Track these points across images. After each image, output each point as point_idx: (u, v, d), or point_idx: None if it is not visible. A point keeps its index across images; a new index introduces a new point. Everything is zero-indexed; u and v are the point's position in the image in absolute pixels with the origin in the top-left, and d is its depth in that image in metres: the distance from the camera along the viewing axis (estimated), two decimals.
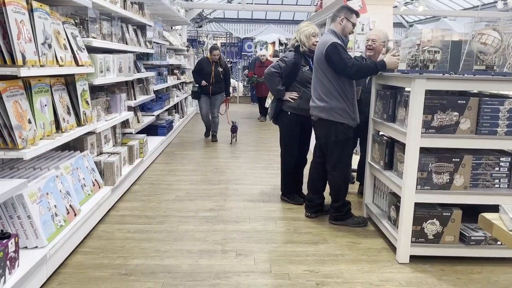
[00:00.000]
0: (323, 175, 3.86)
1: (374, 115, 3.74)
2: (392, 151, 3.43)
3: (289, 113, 4.11)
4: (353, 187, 4.73)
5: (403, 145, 3.07)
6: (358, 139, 4.73)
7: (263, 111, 10.23)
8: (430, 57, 2.97)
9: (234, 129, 7.29)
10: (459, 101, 2.93)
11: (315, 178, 3.91)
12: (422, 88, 2.88)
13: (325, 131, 3.66)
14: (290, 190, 4.36)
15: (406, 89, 3.25)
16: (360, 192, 4.64)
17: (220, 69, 7.37)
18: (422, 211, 3.02)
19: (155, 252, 3.14)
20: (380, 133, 3.70)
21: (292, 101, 4.06)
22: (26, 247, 2.57)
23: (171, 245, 3.27)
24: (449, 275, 2.90)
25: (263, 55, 10.41)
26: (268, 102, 9.12)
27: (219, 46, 7.48)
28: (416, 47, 3.05)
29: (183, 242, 3.33)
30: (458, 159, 2.97)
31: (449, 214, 3.01)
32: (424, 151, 2.99)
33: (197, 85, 7.54)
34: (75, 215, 3.09)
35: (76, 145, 3.75)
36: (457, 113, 2.93)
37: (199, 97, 7.52)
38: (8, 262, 2.22)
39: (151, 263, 2.96)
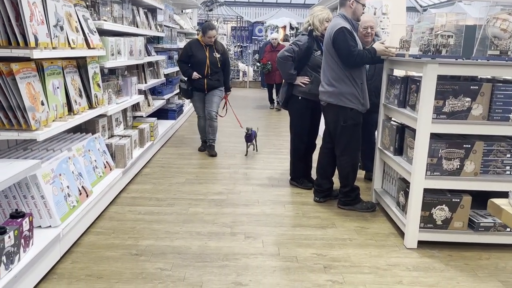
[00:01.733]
0: (332, 160, 3.86)
1: (385, 100, 3.71)
2: (402, 136, 3.41)
3: (299, 97, 4.10)
4: (361, 173, 4.73)
5: (414, 130, 3.06)
6: None
7: (272, 99, 10.03)
8: (443, 41, 2.93)
9: (249, 138, 5.50)
10: (471, 87, 2.90)
11: (324, 163, 3.91)
12: (434, 73, 2.85)
13: (334, 116, 3.65)
14: (299, 175, 4.37)
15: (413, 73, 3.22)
16: (367, 178, 4.65)
17: (217, 56, 5.33)
18: (431, 197, 3.01)
19: (165, 233, 3.19)
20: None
21: (303, 85, 4.04)
22: (40, 226, 2.63)
23: (181, 227, 3.31)
24: (456, 261, 2.91)
25: (275, 39, 9.76)
26: None
27: (216, 25, 5.41)
28: (429, 31, 3.01)
29: (192, 224, 3.37)
30: (469, 145, 2.95)
31: (458, 200, 3.00)
32: (434, 137, 2.98)
33: (185, 78, 5.47)
34: (87, 196, 3.14)
35: (87, 128, 3.79)
36: (469, 99, 2.90)
37: (190, 95, 5.49)
38: (22, 241, 2.28)
39: (161, 244, 3.01)
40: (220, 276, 2.63)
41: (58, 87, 2.93)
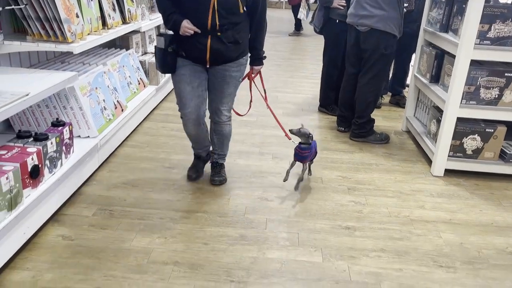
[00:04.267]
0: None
1: (426, 24, 3.52)
2: (440, 63, 3.28)
3: (337, 21, 3.92)
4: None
5: (454, 57, 2.92)
6: None
7: (298, 24, 9.34)
8: None
9: (302, 155, 2.73)
10: None
11: (349, 94, 3.71)
12: None
13: (375, 43, 3.37)
14: (329, 102, 4.32)
15: None
16: (393, 102, 4.60)
17: None
18: (464, 126, 2.96)
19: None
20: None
21: (342, 8, 3.85)
22: (79, 136, 2.79)
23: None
24: (482, 190, 2.92)
25: None
26: (302, 13, 8.51)
27: None
28: None
29: None
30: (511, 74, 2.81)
31: (492, 130, 2.94)
32: (475, 64, 2.85)
33: (169, 32, 2.54)
34: (122, 110, 3.26)
35: (122, 44, 3.82)
36: None
37: (171, 67, 2.53)
38: (64, 148, 2.43)
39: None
40: (247, 190, 2.76)
41: (91, 0, 2.92)
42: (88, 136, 2.80)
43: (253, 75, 2.72)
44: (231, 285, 1.94)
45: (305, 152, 2.69)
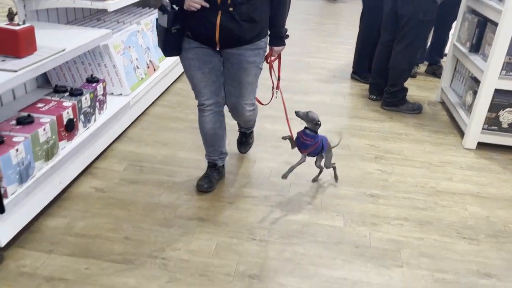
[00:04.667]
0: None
1: None
2: (482, 32, 3.13)
3: None
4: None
5: (497, 25, 2.78)
6: None
7: None
8: None
9: (305, 142, 2.32)
10: None
11: (384, 61, 3.61)
12: None
13: (413, 8, 3.25)
14: (363, 69, 4.23)
15: None
16: (429, 72, 4.45)
17: None
18: (502, 99, 2.85)
19: (225, 111, 3.33)
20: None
21: None
22: (112, 94, 2.86)
23: None
24: None
25: None
26: None
27: None
28: None
29: None
30: None
31: None
32: None
33: (172, 6, 1.98)
34: (154, 70, 3.31)
35: (156, 3, 3.83)
36: None
37: (177, 51, 2.14)
38: (97, 104, 2.51)
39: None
40: (273, 154, 2.79)
41: None
42: (121, 94, 2.87)
43: (272, 58, 2.30)
44: (252, 242, 2.00)
45: (307, 139, 2.29)
